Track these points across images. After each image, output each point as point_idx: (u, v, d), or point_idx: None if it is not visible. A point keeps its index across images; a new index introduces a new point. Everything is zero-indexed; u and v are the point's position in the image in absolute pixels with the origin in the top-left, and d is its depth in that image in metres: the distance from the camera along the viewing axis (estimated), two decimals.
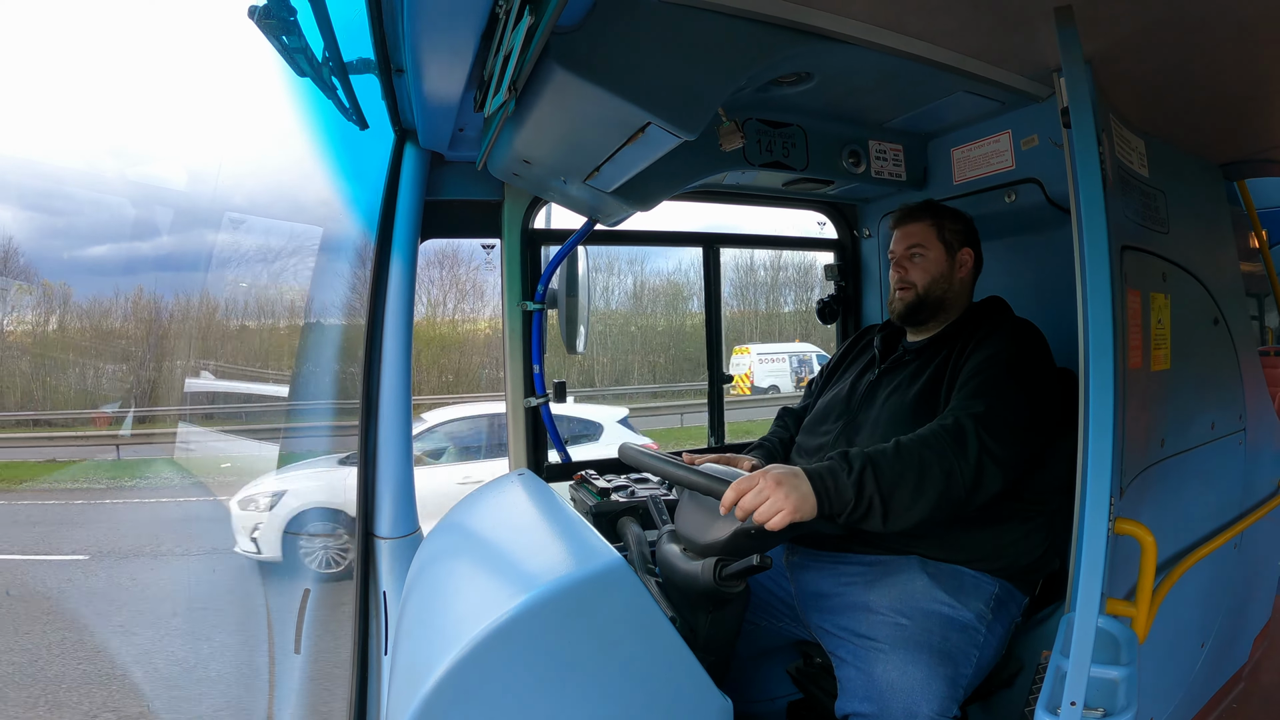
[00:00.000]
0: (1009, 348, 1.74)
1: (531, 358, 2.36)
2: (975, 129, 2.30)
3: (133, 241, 12.34)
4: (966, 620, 1.63)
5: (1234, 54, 1.67)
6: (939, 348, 1.89)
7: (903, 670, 1.52)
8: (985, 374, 1.69)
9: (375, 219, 2.01)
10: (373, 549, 1.99)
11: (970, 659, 1.60)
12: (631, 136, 1.50)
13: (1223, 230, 2.41)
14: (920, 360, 1.90)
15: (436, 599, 1.52)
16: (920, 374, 1.85)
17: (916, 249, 1.95)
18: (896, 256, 2.00)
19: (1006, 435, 1.55)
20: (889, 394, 1.88)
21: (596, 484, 2.14)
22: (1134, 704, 1.32)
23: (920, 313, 1.95)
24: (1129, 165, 1.82)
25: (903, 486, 1.47)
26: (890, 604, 1.64)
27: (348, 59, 1.66)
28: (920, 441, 1.53)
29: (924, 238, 1.95)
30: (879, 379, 1.95)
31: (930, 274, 1.94)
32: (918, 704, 1.49)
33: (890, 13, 1.54)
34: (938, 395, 1.78)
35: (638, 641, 1.31)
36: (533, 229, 2.37)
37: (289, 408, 8.35)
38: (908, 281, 1.95)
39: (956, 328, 1.92)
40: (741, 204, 2.77)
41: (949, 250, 1.95)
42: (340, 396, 3.16)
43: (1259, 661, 2.99)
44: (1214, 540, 2.08)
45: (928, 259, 1.94)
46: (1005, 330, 1.81)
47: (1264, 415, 2.55)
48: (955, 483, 1.51)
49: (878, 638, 1.60)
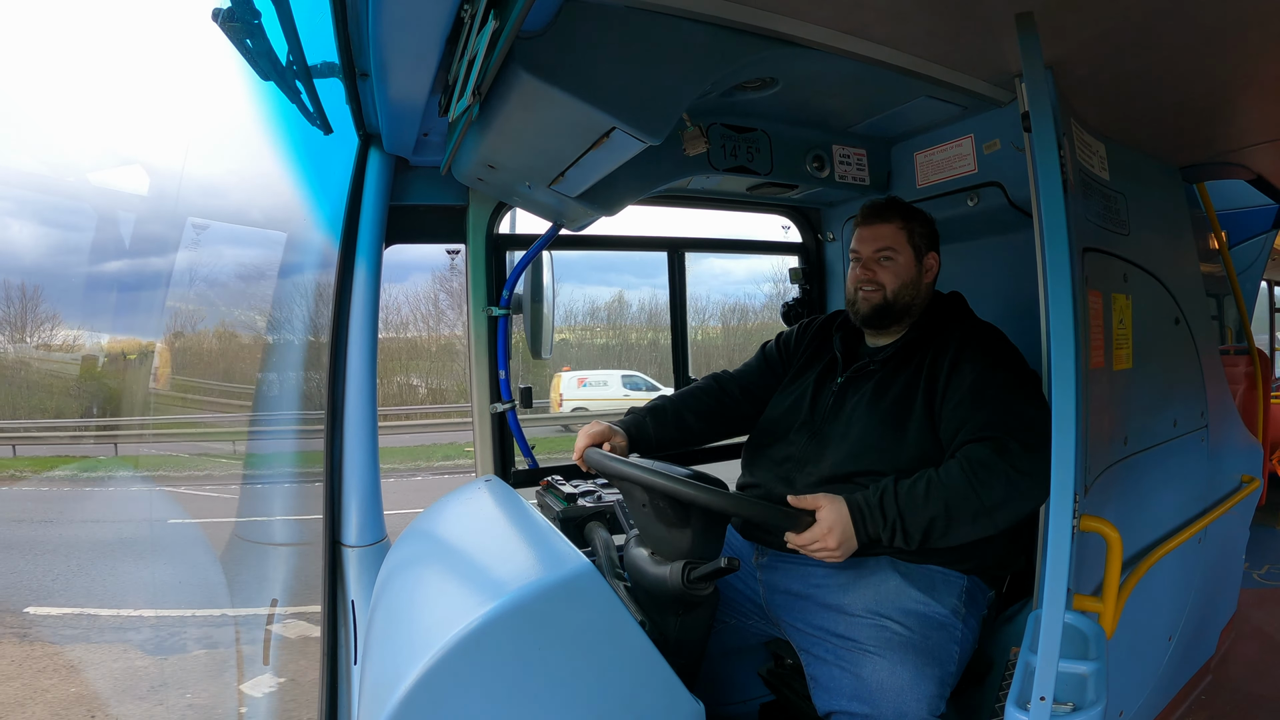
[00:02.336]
0: (1000, 360, 1.73)
1: (497, 363, 2.34)
2: (938, 133, 2.32)
3: (95, 248, 12.07)
4: (944, 617, 1.64)
5: (1193, 60, 1.70)
6: (908, 356, 1.84)
7: (892, 672, 1.53)
8: (991, 395, 1.66)
9: (339, 225, 1.99)
10: (340, 558, 1.97)
11: (952, 656, 1.61)
12: (596, 141, 1.50)
13: (1183, 232, 2.46)
14: (887, 370, 1.85)
15: (405, 608, 1.50)
16: (889, 385, 1.81)
17: (886, 252, 1.88)
18: (863, 257, 1.92)
19: (1038, 451, 1.52)
20: (856, 405, 1.83)
21: (563, 489, 2.13)
22: (1103, 698, 1.33)
23: (886, 317, 1.89)
24: (1090, 168, 1.85)
25: (934, 530, 1.55)
26: (867, 605, 1.64)
27: (312, 63, 1.65)
28: (945, 480, 1.56)
29: (895, 241, 1.89)
30: (844, 388, 1.89)
31: (900, 279, 1.88)
32: (908, 704, 1.51)
33: (854, 19, 1.56)
34: (910, 409, 1.75)
35: (608, 646, 1.30)
36: (498, 234, 2.36)
37: (252, 417, 8.22)
38: (876, 283, 1.88)
39: (920, 331, 1.87)
40: (706, 209, 2.77)
41: (918, 255, 1.90)
42: (304, 405, 3.12)
43: (1226, 654, 3.04)
44: (1179, 535, 2.11)
45: (897, 263, 1.88)
46: (983, 341, 1.78)
47: (1225, 412, 2.60)
48: (996, 518, 1.55)
49: (860, 639, 1.60)
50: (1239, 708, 2.75)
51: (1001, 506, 1.54)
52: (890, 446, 1.73)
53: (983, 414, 1.63)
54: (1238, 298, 3.67)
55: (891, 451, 1.72)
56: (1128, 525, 1.72)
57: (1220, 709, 2.74)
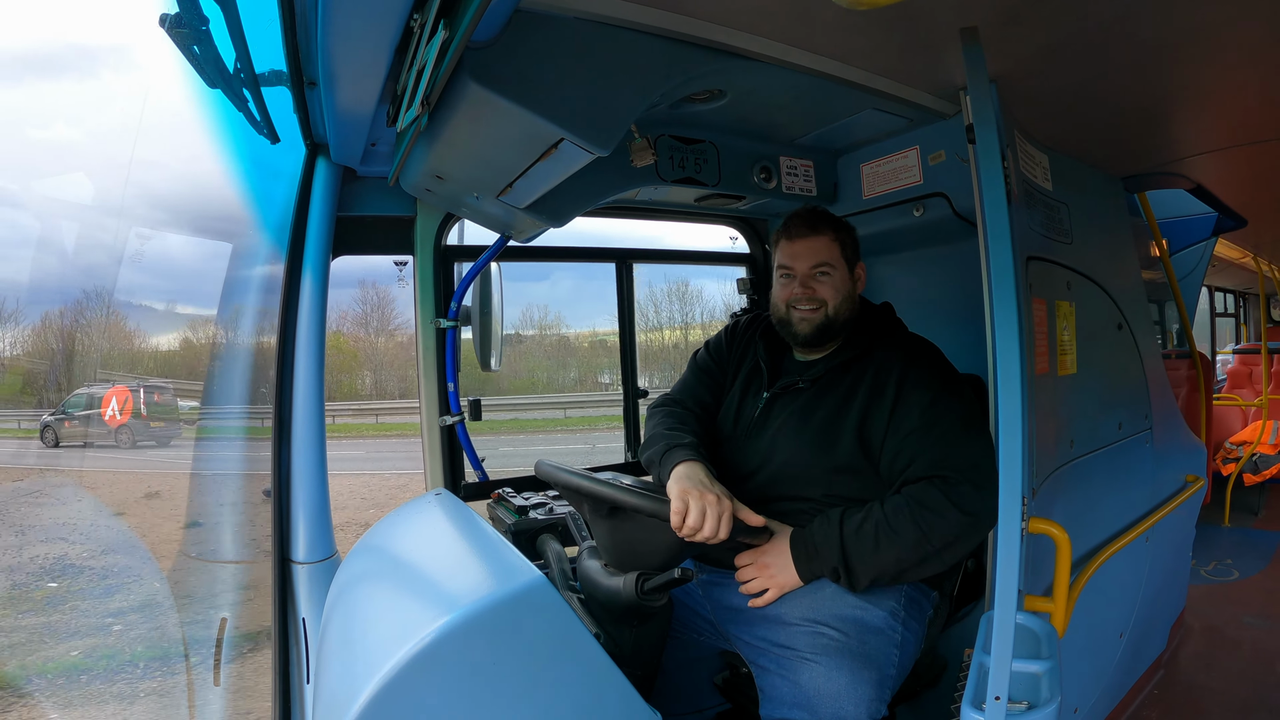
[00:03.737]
0: (947, 386, 1.70)
1: (446, 375, 2.32)
2: (884, 145, 2.35)
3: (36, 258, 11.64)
4: (881, 621, 1.64)
5: (1134, 74, 1.75)
6: (839, 375, 1.79)
7: (828, 677, 1.53)
8: (941, 432, 1.63)
9: (286, 235, 1.95)
10: (289, 574, 1.92)
11: (891, 659, 1.61)
12: (545, 152, 1.49)
13: (1124, 240, 2.54)
14: (815, 389, 1.80)
15: (357, 624, 1.47)
16: (817, 406, 1.76)
17: (824, 268, 1.81)
18: (798, 274, 1.83)
19: (986, 489, 1.52)
20: (783, 425, 1.78)
21: (514, 502, 2.11)
22: (1057, 696, 1.35)
23: (827, 335, 1.82)
24: (1033, 179, 1.90)
25: (884, 579, 1.61)
26: (802, 614, 1.64)
27: (260, 70, 1.62)
28: (895, 526, 1.57)
29: (831, 255, 1.81)
30: (770, 404, 1.84)
31: (840, 294, 1.81)
32: (845, 708, 1.50)
33: (801, 32, 1.57)
34: (840, 431, 1.71)
35: (563, 659, 1.29)
36: (446, 245, 2.34)
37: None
38: (817, 300, 1.80)
39: (853, 349, 1.81)
40: (655, 219, 2.78)
41: (850, 267, 1.84)
42: (251, 419, 3.04)
43: (1176, 649, 3.13)
44: (1127, 535, 2.17)
45: (834, 278, 1.81)
46: (929, 364, 1.74)
47: (1169, 414, 2.68)
48: (944, 558, 1.58)
49: (798, 647, 1.60)
50: (1190, 700, 2.82)
51: (950, 547, 1.57)
52: (816, 469, 1.73)
53: (933, 451, 1.62)
54: (1179, 303, 3.78)
55: (818, 474, 1.72)
56: (1076, 526, 1.76)
57: (1172, 702, 2.81)
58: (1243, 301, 8.98)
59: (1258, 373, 6.83)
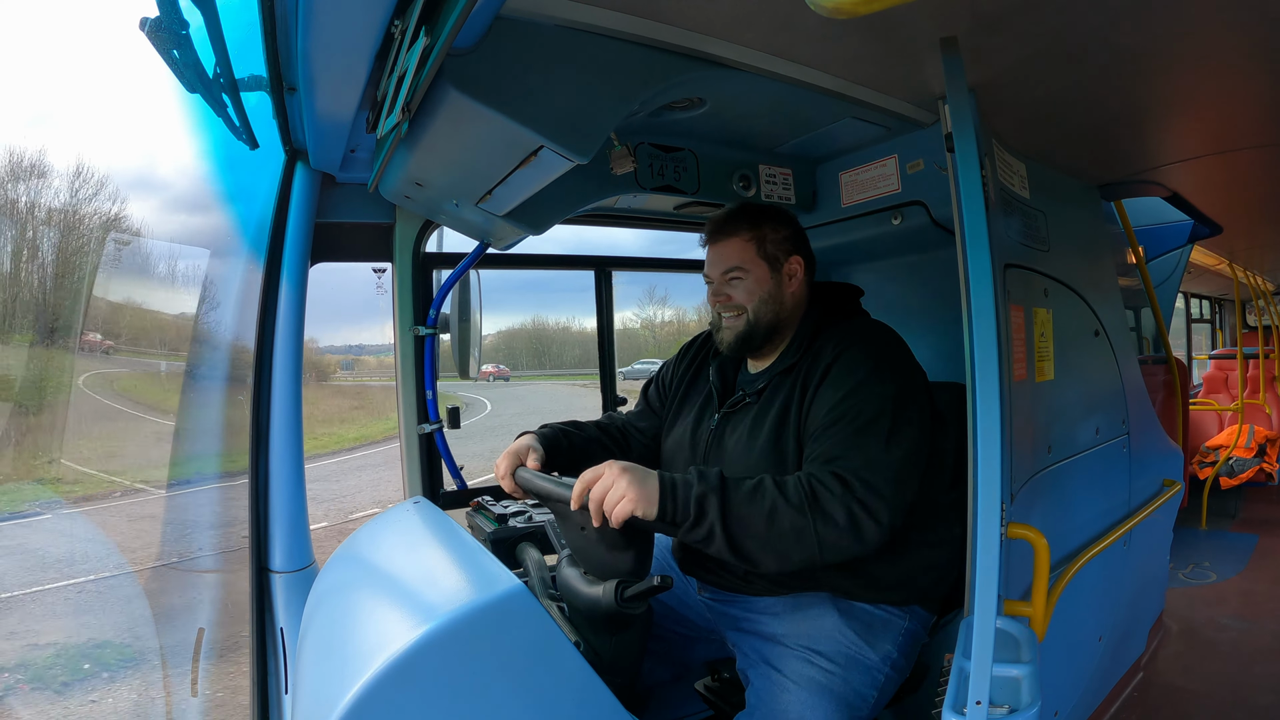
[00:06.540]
0: (861, 383, 1.56)
1: (424, 383, 2.31)
2: (863, 154, 2.36)
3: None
4: (872, 663, 1.62)
5: (1110, 83, 1.77)
6: (780, 382, 1.71)
7: (801, 715, 1.54)
8: (839, 429, 1.51)
9: (264, 242, 1.94)
10: (267, 584, 1.90)
11: (868, 699, 1.60)
12: (524, 160, 1.49)
13: (1101, 247, 2.56)
14: (761, 402, 1.72)
15: (336, 634, 1.46)
16: (764, 417, 1.68)
17: (735, 272, 1.74)
18: (714, 282, 1.77)
19: (872, 495, 1.43)
20: (736, 443, 1.71)
21: (493, 510, 2.10)
22: (1038, 700, 1.36)
23: (752, 342, 1.75)
24: (1011, 187, 1.91)
25: (751, 533, 1.39)
26: (799, 639, 1.63)
27: (239, 76, 1.61)
28: (779, 496, 1.41)
29: (742, 258, 1.73)
30: (721, 424, 1.77)
31: (756, 295, 1.73)
32: None
33: (782, 41, 1.58)
34: (784, 437, 1.63)
35: (543, 668, 1.29)
36: (425, 253, 2.34)
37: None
38: (734, 306, 1.73)
39: (796, 348, 1.73)
40: (634, 227, 2.79)
41: (773, 265, 1.74)
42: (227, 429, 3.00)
43: (1155, 652, 3.16)
44: (1104, 539, 2.18)
45: (748, 281, 1.73)
46: (861, 349, 1.63)
47: (1145, 420, 2.71)
48: (808, 542, 1.40)
49: (785, 671, 1.60)
50: (1169, 702, 2.86)
51: (824, 547, 1.41)
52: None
53: (822, 447, 1.51)
54: (1155, 310, 3.82)
55: None
56: (1054, 531, 1.77)
57: (1151, 705, 2.84)
58: (1218, 307, 9.11)
59: (1233, 378, 6.92)
